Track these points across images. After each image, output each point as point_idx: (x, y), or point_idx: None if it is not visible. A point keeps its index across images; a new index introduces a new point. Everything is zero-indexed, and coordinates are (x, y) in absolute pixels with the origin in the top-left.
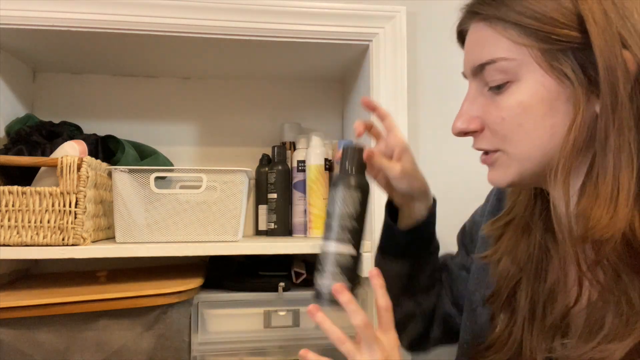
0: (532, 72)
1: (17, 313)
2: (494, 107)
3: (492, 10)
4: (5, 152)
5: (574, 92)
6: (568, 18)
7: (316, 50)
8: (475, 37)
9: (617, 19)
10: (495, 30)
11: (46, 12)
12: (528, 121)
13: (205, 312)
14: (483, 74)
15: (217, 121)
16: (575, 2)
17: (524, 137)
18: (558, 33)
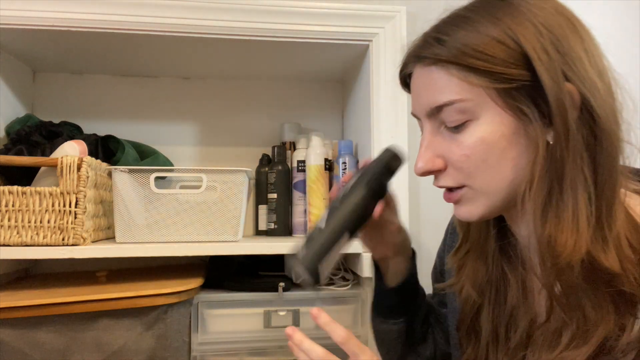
0: (490, 110)
1: (17, 313)
2: (455, 146)
3: (442, 53)
4: (5, 152)
5: (531, 126)
6: (516, 58)
7: (316, 50)
8: (426, 80)
9: (556, 56)
10: (448, 73)
11: (46, 12)
12: (491, 156)
13: (205, 312)
14: (440, 115)
15: (217, 121)
16: (519, 43)
17: (489, 171)
18: (510, 73)
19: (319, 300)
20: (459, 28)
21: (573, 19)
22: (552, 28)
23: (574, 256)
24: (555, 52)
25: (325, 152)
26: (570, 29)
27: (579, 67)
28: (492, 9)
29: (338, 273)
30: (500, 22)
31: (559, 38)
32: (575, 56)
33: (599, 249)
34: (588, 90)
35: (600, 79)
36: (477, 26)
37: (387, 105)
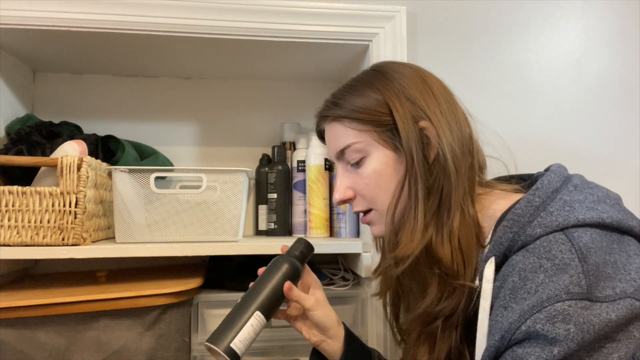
0: (375, 148)
1: (17, 313)
2: (358, 178)
3: (338, 111)
4: (5, 152)
5: (403, 156)
6: (384, 109)
7: (316, 50)
8: (332, 132)
9: (407, 104)
10: (343, 125)
11: (46, 12)
12: (383, 181)
13: (205, 312)
14: (344, 156)
15: (217, 121)
16: (385, 99)
17: (383, 194)
18: (382, 120)
19: None
20: (348, 94)
21: (427, 78)
22: (407, 86)
23: (408, 251)
24: (407, 102)
25: (325, 152)
26: (422, 86)
27: (427, 111)
28: (371, 79)
29: (338, 273)
30: (374, 87)
31: (411, 92)
32: (424, 103)
33: (438, 242)
34: (435, 126)
35: (445, 117)
36: (361, 90)
37: None
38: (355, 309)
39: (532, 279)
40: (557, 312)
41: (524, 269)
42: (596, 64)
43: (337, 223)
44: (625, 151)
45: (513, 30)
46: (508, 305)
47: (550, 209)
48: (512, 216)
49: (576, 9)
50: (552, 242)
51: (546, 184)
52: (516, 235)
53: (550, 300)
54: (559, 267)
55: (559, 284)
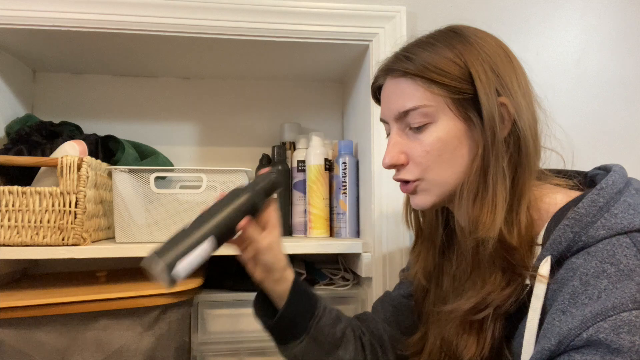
0: (445, 115)
1: (17, 313)
2: (417, 144)
3: (410, 67)
4: (5, 152)
5: (475, 130)
6: (465, 76)
7: (316, 50)
8: (397, 89)
9: (492, 76)
10: (415, 83)
11: (46, 12)
12: (446, 153)
13: (205, 312)
14: (407, 118)
15: (217, 121)
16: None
17: (443, 165)
18: (460, 87)
19: None
20: (423, 50)
21: (509, 52)
22: (492, 56)
23: (490, 232)
24: (492, 74)
25: (325, 152)
26: (506, 59)
27: (509, 87)
28: (449, 39)
29: (338, 273)
30: (454, 49)
31: (497, 64)
32: (508, 79)
33: (507, 230)
34: (514, 105)
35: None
36: (438, 49)
37: None
38: (355, 309)
39: (594, 284)
40: (623, 322)
41: (586, 273)
42: (596, 64)
43: (337, 223)
44: (625, 151)
45: (513, 30)
46: (567, 310)
47: (615, 211)
48: (574, 215)
49: (576, 9)
50: (615, 246)
51: (611, 184)
52: (577, 235)
53: (615, 309)
54: (623, 273)
55: (625, 291)
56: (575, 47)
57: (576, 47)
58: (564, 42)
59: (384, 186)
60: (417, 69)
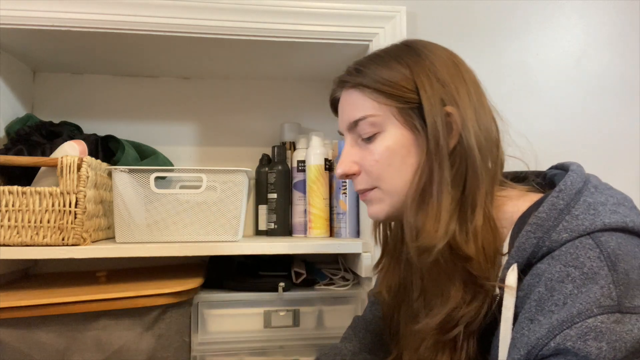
0: (393, 125)
1: (17, 313)
2: (368, 153)
3: (360, 79)
4: (5, 152)
5: (421, 139)
6: (411, 86)
7: (316, 50)
8: (349, 100)
9: (437, 86)
10: (363, 94)
11: (46, 12)
12: (395, 161)
13: (205, 312)
14: (357, 128)
15: (217, 121)
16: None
17: (393, 174)
18: (406, 96)
19: (319, 300)
20: (373, 63)
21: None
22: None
23: (433, 241)
24: (438, 84)
25: (325, 152)
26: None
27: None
28: (399, 52)
29: (338, 273)
30: (402, 60)
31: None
32: (454, 89)
33: (462, 239)
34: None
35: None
36: (387, 62)
37: None
38: (355, 309)
39: (559, 290)
40: (589, 328)
41: (551, 278)
42: (596, 64)
43: (337, 223)
44: (625, 151)
45: (513, 31)
46: (535, 318)
47: (575, 212)
48: (535, 220)
49: (576, 9)
50: (579, 248)
51: (569, 185)
52: (540, 240)
53: (581, 315)
54: (587, 277)
55: (590, 296)
56: (575, 47)
57: (576, 47)
58: (564, 42)
59: None
60: (366, 80)
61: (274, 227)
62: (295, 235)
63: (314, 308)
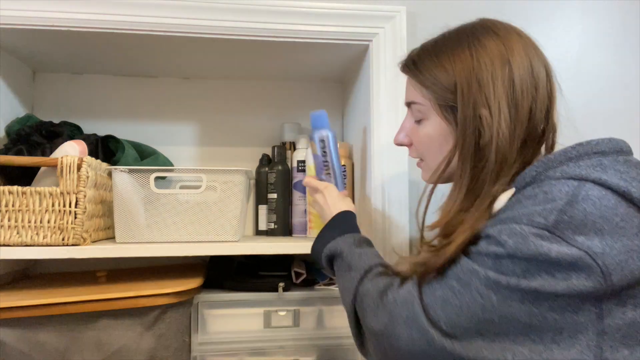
0: (434, 115)
1: (17, 313)
2: (416, 133)
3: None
4: (5, 152)
5: (455, 132)
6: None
7: (316, 50)
8: (408, 85)
9: (475, 88)
10: (414, 84)
11: (46, 12)
12: (432, 147)
13: (205, 312)
14: (411, 108)
15: (217, 121)
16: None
17: (431, 156)
18: (445, 95)
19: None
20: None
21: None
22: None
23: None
24: (475, 84)
25: None
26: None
27: (491, 98)
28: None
29: None
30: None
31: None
32: (492, 89)
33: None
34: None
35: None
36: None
37: (387, 105)
38: None
39: (521, 202)
40: (508, 229)
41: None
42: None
43: None
44: None
45: None
46: (495, 216)
47: (581, 163)
48: (543, 159)
49: (576, 9)
50: (561, 183)
51: (593, 144)
52: (538, 174)
53: (509, 220)
54: (544, 199)
55: (529, 209)
56: (575, 47)
57: (576, 47)
58: (564, 42)
59: (386, 186)
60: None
61: (274, 227)
62: (295, 235)
63: (314, 308)
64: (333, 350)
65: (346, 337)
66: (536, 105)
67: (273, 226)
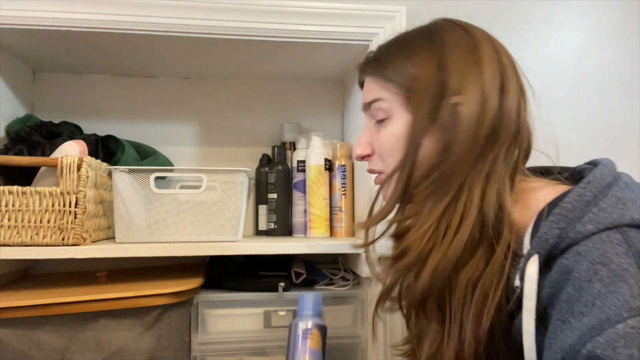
0: (399, 112)
1: (17, 313)
2: (377, 136)
3: (374, 67)
4: (5, 152)
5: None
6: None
7: (316, 50)
8: (367, 85)
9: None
10: (375, 79)
11: (46, 12)
12: (397, 147)
13: (205, 312)
14: (370, 110)
15: (217, 121)
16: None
17: (395, 159)
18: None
19: None
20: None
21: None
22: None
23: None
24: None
25: (325, 152)
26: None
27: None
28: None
29: (338, 273)
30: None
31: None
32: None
33: None
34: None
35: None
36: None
37: None
38: (355, 309)
39: (588, 290)
40: (618, 335)
41: (578, 277)
42: (596, 64)
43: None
44: (625, 151)
45: (513, 30)
46: (566, 320)
47: (603, 205)
48: (559, 210)
49: (576, 9)
50: (606, 243)
51: (599, 177)
52: (563, 231)
53: (610, 321)
54: (616, 274)
55: (618, 298)
56: (575, 47)
57: (576, 47)
58: (564, 42)
59: None
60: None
61: (274, 227)
62: (295, 235)
63: None
64: (333, 350)
65: (346, 337)
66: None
67: (273, 226)
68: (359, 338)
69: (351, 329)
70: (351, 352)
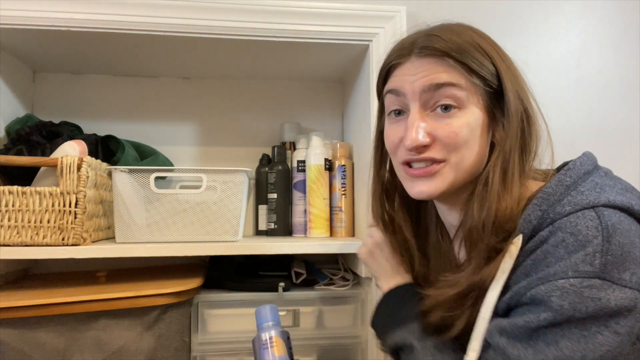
0: (474, 105)
1: (17, 313)
2: (445, 125)
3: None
4: (5, 152)
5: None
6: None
7: (316, 50)
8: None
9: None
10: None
11: (46, 12)
12: (472, 139)
13: (205, 312)
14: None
15: (217, 121)
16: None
17: (468, 150)
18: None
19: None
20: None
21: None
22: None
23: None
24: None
25: (325, 152)
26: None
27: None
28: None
29: (338, 273)
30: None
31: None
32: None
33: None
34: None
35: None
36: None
37: None
38: (355, 308)
39: (553, 253)
40: (557, 287)
41: (548, 244)
42: (596, 64)
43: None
44: (625, 151)
45: (513, 31)
46: (529, 274)
47: (581, 189)
48: (542, 194)
49: (576, 9)
50: (580, 218)
51: (578, 165)
52: (545, 213)
53: (555, 275)
54: (580, 243)
55: (571, 260)
56: (575, 47)
57: (576, 47)
58: (564, 42)
59: None
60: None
61: (274, 227)
62: (295, 235)
63: (314, 308)
64: (333, 350)
65: (346, 337)
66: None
67: (273, 226)
68: (359, 338)
69: (351, 329)
70: (351, 352)
